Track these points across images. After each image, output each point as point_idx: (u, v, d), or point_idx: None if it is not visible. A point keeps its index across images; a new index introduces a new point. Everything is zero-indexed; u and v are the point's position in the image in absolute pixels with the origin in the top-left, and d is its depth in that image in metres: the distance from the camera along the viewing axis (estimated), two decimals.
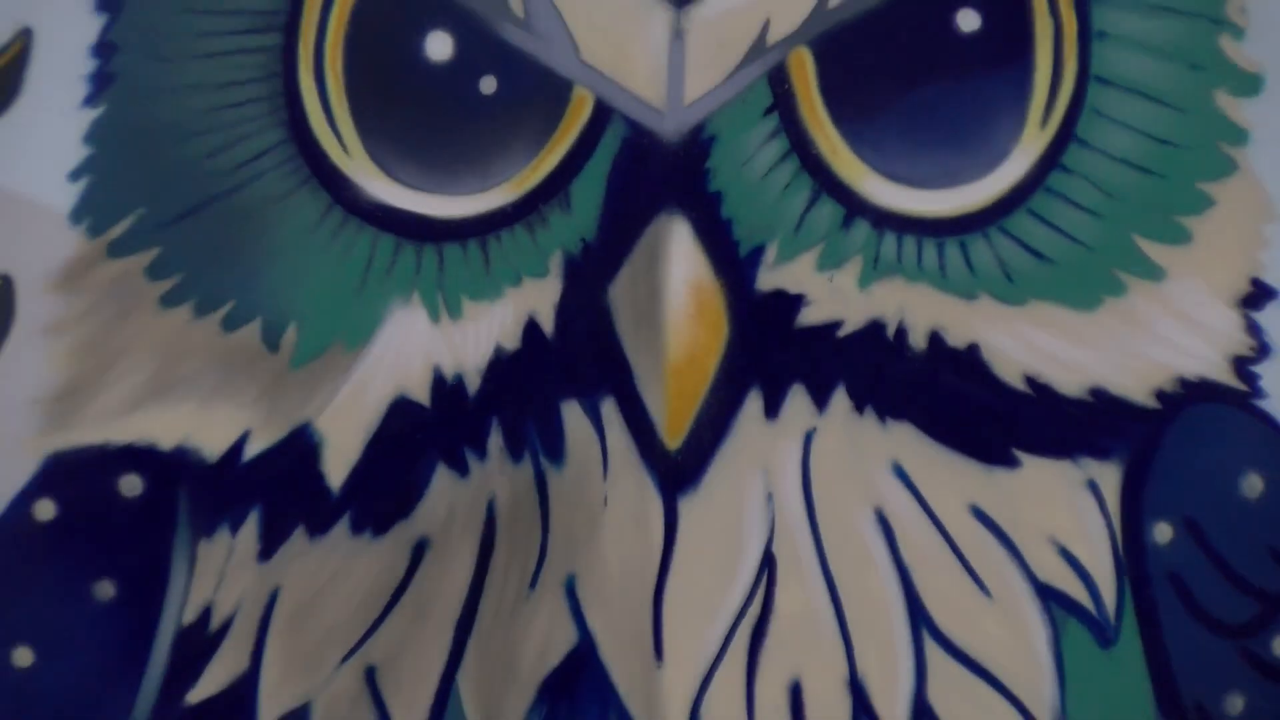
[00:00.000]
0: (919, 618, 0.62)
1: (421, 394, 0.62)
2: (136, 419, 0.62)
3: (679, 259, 0.60)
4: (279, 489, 0.62)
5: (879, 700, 0.62)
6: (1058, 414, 0.62)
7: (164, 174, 0.62)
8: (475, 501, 0.62)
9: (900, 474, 0.62)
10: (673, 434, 0.61)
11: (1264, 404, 0.63)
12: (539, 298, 0.62)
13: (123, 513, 0.62)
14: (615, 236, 0.61)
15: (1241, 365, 0.63)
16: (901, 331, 0.62)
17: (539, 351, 0.62)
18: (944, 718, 0.62)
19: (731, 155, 0.61)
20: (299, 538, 0.62)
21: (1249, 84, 0.62)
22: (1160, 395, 0.62)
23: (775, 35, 0.60)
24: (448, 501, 0.63)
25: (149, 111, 0.62)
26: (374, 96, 0.61)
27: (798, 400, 0.62)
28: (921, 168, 0.62)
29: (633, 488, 0.61)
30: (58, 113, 0.62)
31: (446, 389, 0.62)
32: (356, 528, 0.62)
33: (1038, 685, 0.62)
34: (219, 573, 0.63)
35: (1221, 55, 0.62)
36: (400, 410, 0.62)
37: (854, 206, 0.61)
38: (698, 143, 0.61)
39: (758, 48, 0.60)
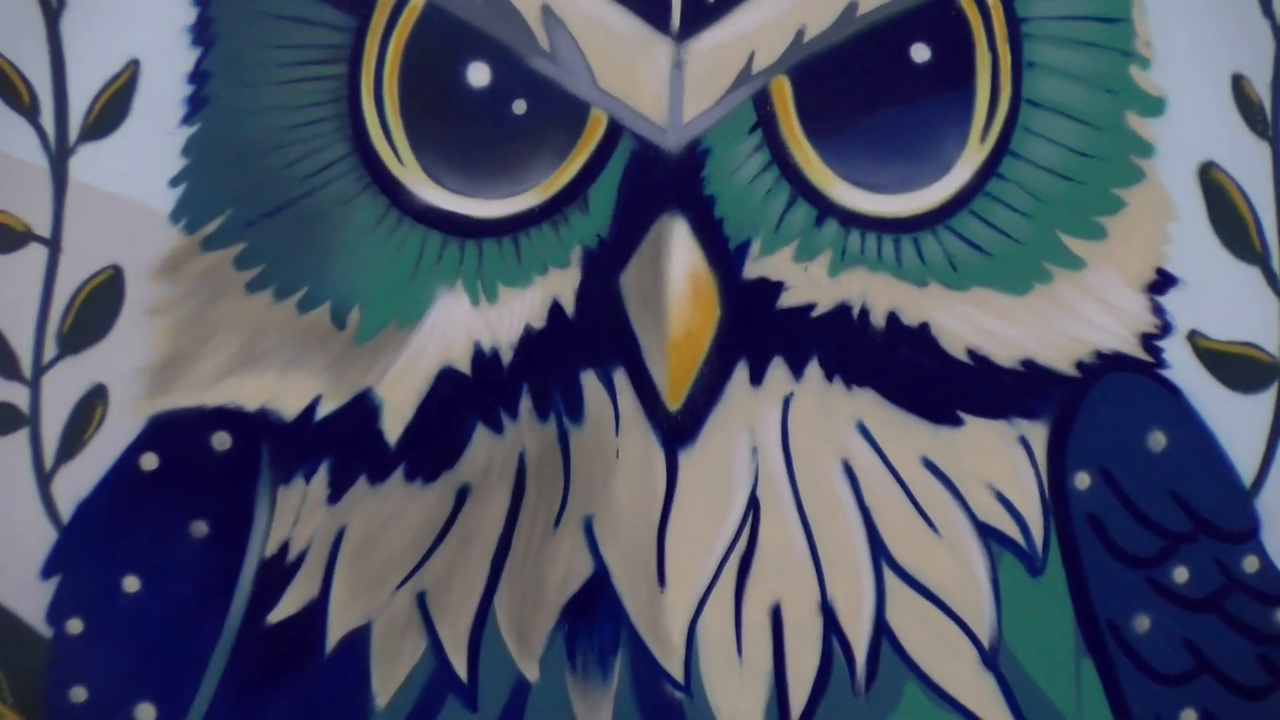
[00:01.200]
0: (879, 551, 0.66)
1: (464, 365, 0.65)
2: (226, 385, 0.66)
3: (679, 252, 0.64)
4: (345, 444, 0.66)
5: (846, 621, 0.66)
6: (994, 381, 0.66)
7: (249, 181, 0.65)
8: (509, 454, 0.66)
9: (863, 431, 0.66)
10: (673, 398, 0.65)
11: (1167, 373, 0.66)
12: (562, 284, 0.65)
13: (214, 464, 0.66)
14: (625, 233, 0.64)
15: (1148, 340, 0.66)
16: (864, 312, 0.65)
17: (562, 329, 0.65)
18: (900, 635, 0.66)
19: (722, 165, 0.64)
20: (362, 484, 0.66)
21: (1154, 106, 0.65)
22: (1080, 365, 0.66)
23: (759, 65, 0.63)
24: (486, 454, 0.66)
25: (236, 129, 0.65)
26: (424, 116, 0.64)
27: (778, 370, 0.65)
28: (881, 176, 0.65)
29: (640, 443, 0.65)
30: (160, 130, 0.65)
31: (485, 360, 0.65)
32: (410, 476, 0.66)
33: (978, 607, 0.66)
34: (295, 514, 0.66)
35: (1131, 82, 0.65)
36: (446, 378, 0.65)
37: (825, 208, 0.65)
38: (694, 155, 0.64)
39: (744, 76, 0.63)
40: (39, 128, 0.64)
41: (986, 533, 0.66)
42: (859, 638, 0.66)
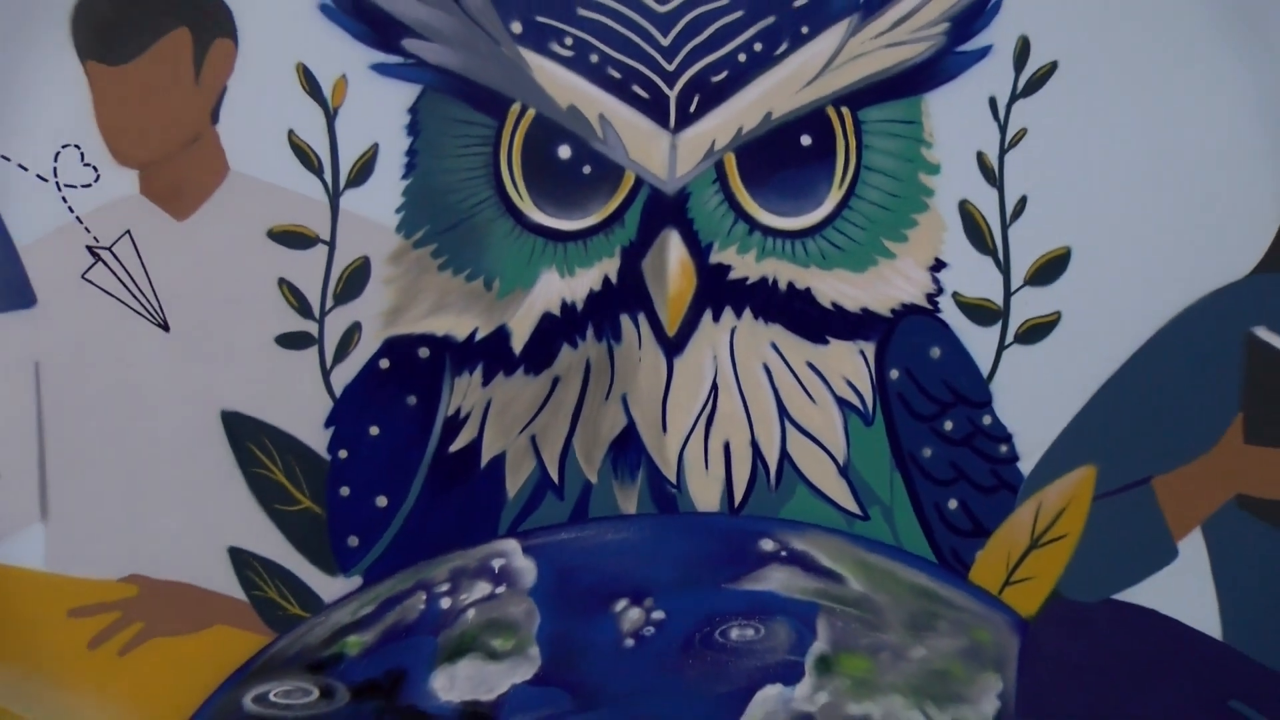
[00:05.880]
0: (783, 413, 0.83)
1: (556, 310, 0.82)
2: (426, 322, 0.83)
3: (673, 249, 0.81)
4: (492, 353, 0.82)
5: (765, 451, 0.84)
6: (846, 320, 0.83)
7: (439, 210, 0.81)
8: (580, 359, 0.83)
9: (775, 347, 0.83)
10: (671, 329, 0.82)
11: (941, 315, 0.83)
12: (610, 267, 0.82)
13: (420, 364, 0.83)
14: (645, 239, 0.81)
15: (930, 298, 0.83)
16: (775, 282, 0.82)
17: (610, 292, 0.82)
18: (795, 459, 0.84)
19: (699, 201, 0.81)
20: (500, 376, 0.83)
21: (934, 169, 0.81)
22: (893, 311, 0.82)
23: (718, 147, 0.80)
24: (568, 360, 0.83)
25: (431, 180, 0.81)
26: (535, 174, 0.81)
27: (728, 314, 0.82)
28: (785, 207, 0.81)
29: (652, 353, 0.82)
30: (390, 181, 0.81)
31: (568, 308, 0.82)
32: (526, 371, 0.83)
33: (837, 443, 0.82)
34: (464, 392, 0.83)
35: (921, 155, 0.81)
36: (546, 318, 0.82)
37: (753, 224, 0.81)
38: (682, 195, 0.80)
39: (710, 152, 0.80)
40: (323, 181, 0.81)
41: (842, 403, 0.83)
42: (772, 460, 0.83)
